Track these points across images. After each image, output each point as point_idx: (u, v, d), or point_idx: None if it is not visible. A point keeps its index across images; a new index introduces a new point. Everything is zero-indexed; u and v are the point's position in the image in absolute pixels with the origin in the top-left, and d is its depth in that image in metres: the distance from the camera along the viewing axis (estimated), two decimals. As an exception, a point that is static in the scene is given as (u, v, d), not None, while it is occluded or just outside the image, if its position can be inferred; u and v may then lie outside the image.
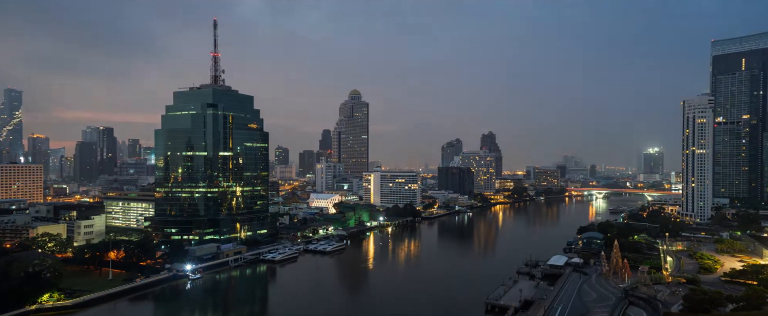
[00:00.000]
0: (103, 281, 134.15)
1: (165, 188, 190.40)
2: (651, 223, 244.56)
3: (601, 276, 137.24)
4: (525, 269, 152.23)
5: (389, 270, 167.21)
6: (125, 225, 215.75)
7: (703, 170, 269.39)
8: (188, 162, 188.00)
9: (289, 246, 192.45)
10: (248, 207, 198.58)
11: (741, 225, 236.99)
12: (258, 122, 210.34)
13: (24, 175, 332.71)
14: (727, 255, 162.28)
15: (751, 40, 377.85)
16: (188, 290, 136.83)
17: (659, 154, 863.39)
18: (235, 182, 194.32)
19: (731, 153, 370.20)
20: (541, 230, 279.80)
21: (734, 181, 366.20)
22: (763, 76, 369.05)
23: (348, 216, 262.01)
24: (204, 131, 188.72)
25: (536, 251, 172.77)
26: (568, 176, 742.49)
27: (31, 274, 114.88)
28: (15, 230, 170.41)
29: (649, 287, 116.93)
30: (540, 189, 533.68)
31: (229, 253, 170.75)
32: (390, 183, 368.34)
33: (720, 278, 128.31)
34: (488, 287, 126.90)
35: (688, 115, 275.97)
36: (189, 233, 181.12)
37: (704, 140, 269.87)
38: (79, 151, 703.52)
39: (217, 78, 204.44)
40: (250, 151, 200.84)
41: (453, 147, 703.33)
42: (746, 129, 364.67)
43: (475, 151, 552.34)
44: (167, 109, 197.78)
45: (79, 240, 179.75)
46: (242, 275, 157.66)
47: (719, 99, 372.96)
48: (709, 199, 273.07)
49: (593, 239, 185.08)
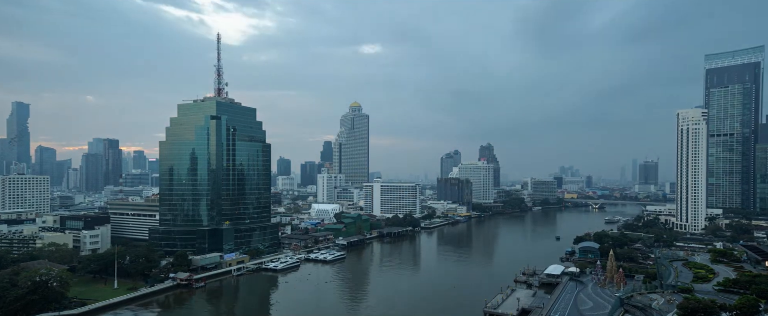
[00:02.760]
0: (108, 290, 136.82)
1: (169, 198, 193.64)
2: (646, 233, 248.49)
3: (597, 285, 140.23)
4: (522, 277, 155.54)
5: (388, 278, 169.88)
6: (130, 235, 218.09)
7: (697, 180, 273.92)
8: (192, 173, 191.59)
9: (291, 255, 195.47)
10: (251, 217, 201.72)
11: (734, 235, 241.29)
12: (260, 134, 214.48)
13: (31, 186, 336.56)
14: (721, 265, 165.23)
15: (743, 54, 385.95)
16: (191, 299, 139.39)
17: (654, 164, 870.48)
18: (238, 192, 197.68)
19: (724, 164, 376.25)
20: (538, 239, 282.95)
21: (727, 191, 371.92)
22: (755, 89, 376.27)
23: (349, 226, 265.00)
24: (207, 143, 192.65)
25: (533, 260, 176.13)
26: (565, 187, 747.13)
27: (39, 283, 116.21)
28: (23, 240, 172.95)
29: (644, 296, 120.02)
30: (537, 200, 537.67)
31: (231, 262, 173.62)
32: (390, 193, 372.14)
33: (714, 287, 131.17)
34: (486, 295, 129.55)
35: (683, 127, 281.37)
36: (193, 242, 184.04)
37: (698, 152, 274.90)
38: (85, 162, 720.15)
39: (220, 90, 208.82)
40: (252, 163, 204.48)
41: (452, 158, 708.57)
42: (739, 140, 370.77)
43: (474, 162, 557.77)
44: (171, 122, 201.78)
45: (85, 250, 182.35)
46: (244, 283, 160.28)
47: (712, 111, 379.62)
48: (703, 209, 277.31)
49: (589, 249, 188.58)
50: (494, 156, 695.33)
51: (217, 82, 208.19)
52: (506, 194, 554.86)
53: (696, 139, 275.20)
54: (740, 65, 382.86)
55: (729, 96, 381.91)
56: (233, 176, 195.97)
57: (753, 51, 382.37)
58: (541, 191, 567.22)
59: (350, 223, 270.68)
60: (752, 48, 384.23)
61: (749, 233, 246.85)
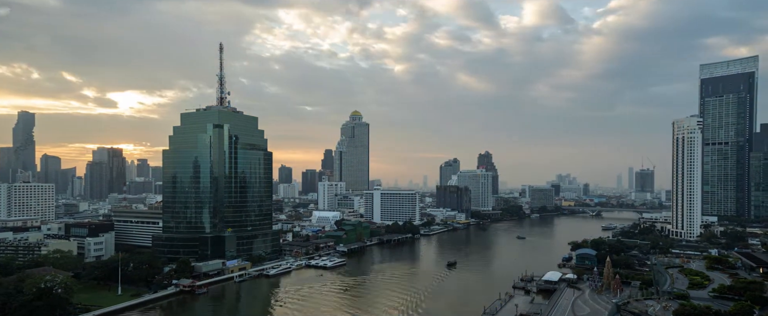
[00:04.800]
0: (112, 296, 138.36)
1: (172, 206, 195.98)
2: (642, 240, 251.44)
3: (595, 291, 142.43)
4: (520, 284, 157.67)
5: (387, 284, 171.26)
6: (134, 242, 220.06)
7: (692, 188, 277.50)
8: (195, 181, 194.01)
9: (292, 262, 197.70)
10: (253, 225, 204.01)
11: (728, 242, 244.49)
12: (262, 142, 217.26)
13: (36, 194, 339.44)
14: (716, 271, 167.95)
15: (737, 64, 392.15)
16: (194, 304, 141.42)
17: (650, 172, 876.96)
18: (240, 200, 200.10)
19: (719, 172, 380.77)
20: (535, 246, 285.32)
21: (722, 199, 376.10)
22: (749, 98, 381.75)
23: (349, 233, 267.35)
24: (210, 151, 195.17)
25: (531, 267, 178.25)
26: (563, 195, 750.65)
27: (44, 290, 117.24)
28: (28, 247, 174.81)
29: (641, 302, 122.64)
30: (535, 207, 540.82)
31: (234, 269, 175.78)
32: (390, 201, 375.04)
33: (709, 294, 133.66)
34: (485, 301, 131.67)
35: (678, 136, 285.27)
36: (195, 249, 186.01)
37: (693, 160, 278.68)
38: (90, 171, 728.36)
39: (222, 99, 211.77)
40: (254, 171, 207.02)
41: (451, 166, 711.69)
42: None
43: (472, 170, 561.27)
44: (175, 130, 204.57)
45: (89, 257, 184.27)
46: (246, 289, 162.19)
47: (707, 120, 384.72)
48: (698, 217, 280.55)
49: (586, 256, 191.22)
50: (492, 164, 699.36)
51: (219, 92, 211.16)
52: (504, 201, 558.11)
53: (691, 147, 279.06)
54: (735, 75, 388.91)
55: (724, 105, 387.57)
56: (235, 184, 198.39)
57: (747, 61, 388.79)
58: (538, 199, 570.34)
59: (351, 230, 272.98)
60: (746, 58, 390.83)
61: (744, 241, 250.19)
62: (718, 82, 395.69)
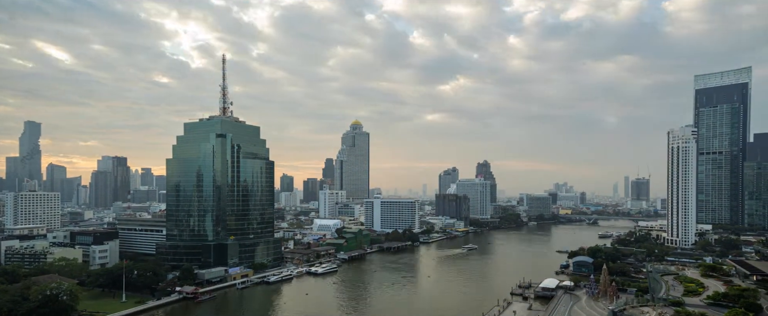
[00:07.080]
0: (116, 303, 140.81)
1: (176, 214, 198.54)
2: (638, 248, 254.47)
3: (591, 298, 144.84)
4: (518, 290, 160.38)
5: (386, 290, 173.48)
6: (138, 250, 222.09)
7: (687, 197, 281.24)
8: (198, 190, 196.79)
9: (293, 269, 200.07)
10: (255, 233, 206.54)
11: (723, 250, 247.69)
12: (264, 151, 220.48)
13: (42, 202, 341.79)
14: (711, 279, 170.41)
15: (731, 75, 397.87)
16: (197, 311, 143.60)
17: (646, 181, 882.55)
18: (242, 208, 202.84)
19: (713, 181, 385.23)
20: (533, 253, 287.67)
21: (716, 208, 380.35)
22: (742, 109, 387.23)
23: (350, 241, 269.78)
24: (213, 160, 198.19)
25: (529, 274, 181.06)
26: (560, 203, 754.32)
27: (49, 297, 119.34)
28: (34, 255, 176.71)
29: (637, 309, 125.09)
30: (533, 215, 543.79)
31: (236, 276, 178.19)
32: (390, 209, 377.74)
33: (704, 301, 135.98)
34: (483, 307, 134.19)
35: (673, 146, 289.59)
36: (198, 257, 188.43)
37: (688, 169, 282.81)
38: (95, 179, 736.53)
39: (225, 109, 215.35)
40: (256, 179, 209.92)
41: (449, 175, 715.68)
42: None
43: (471, 178, 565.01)
44: (178, 140, 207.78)
45: (94, 265, 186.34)
46: (248, 296, 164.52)
47: (702, 130, 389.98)
48: (693, 225, 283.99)
49: (583, 263, 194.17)
50: (491, 173, 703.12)
51: (222, 102, 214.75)
52: (503, 209, 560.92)
53: (686, 157, 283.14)
54: (728, 86, 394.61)
55: (718, 115, 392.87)
56: (238, 193, 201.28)
57: (741, 72, 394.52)
58: (536, 207, 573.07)
59: (351, 238, 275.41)
60: (740, 69, 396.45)
61: (738, 248, 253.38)
62: (712, 92, 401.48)
